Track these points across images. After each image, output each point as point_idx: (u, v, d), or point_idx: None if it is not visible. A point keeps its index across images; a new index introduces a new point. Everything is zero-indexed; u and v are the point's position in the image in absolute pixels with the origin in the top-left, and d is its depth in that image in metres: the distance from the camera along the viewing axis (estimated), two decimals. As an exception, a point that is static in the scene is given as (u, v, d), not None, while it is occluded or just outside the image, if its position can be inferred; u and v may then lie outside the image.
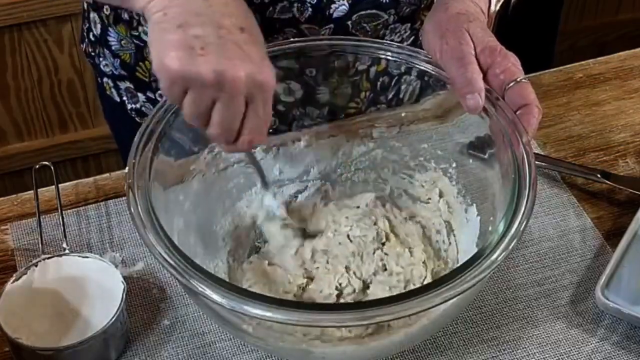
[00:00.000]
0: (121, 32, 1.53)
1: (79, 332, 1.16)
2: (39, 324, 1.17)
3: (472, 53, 1.21)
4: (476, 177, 1.29)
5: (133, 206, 1.11)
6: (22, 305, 1.19)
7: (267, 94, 1.08)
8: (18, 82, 2.64)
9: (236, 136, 1.09)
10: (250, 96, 1.06)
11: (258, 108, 1.08)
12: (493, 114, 1.20)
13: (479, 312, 1.28)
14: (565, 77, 1.60)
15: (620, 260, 1.31)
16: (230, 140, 1.10)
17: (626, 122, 1.53)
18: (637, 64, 1.62)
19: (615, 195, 1.41)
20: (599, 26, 3.20)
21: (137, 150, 1.16)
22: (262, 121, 1.10)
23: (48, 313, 1.19)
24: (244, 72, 1.04)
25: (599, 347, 1.24)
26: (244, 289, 1.07)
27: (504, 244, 1.08)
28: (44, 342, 1.15)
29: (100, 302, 1.20)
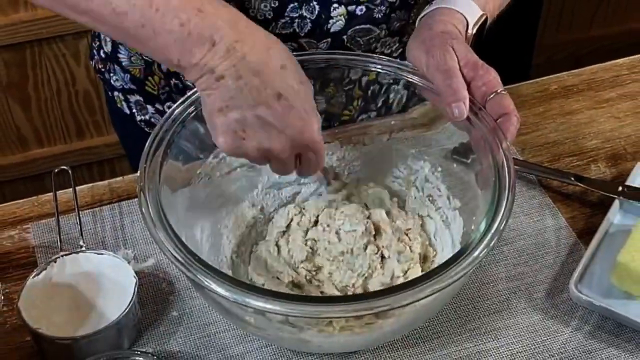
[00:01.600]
0: (131, 49, 1.53)
1: (94, 323, 1.16)
2: (58, 316, 1.17)
3: (457, 67, 1.21)
4: (460, 180, 1.30)
5: (144, 207, 1.11)
6: (42, 298, 1.20)
7: (314, 147, 1.12)
8: (38, 93, 2.64)
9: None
10: (300, 152, 1.13)
11: (309, 159, 1.14)
12: (475, 122, 1.21)
13: (462, 304, 1.28)
14: (541, 88, 1.60)
15: (592, 257, 1.32)
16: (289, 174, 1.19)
17: (597, 130, 1.53)
18: (607, 76, 1.63)
19: (588, 197, 1.42)
20: (573, 41, 3.20)
21: (147, 156, 1.17)
22: (315, 165, 1.16)
23: (66, 305, 1.20)
24: (283, 143, 1.09)
25: (573, 337, 1.24)
26: (246, 283, 1.08)
27: (485, 242, 1.08)
28: (62, 332, 1.15)
29: (113, 295, 1.21)
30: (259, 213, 1.35)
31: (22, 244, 1.35)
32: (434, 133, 1.33)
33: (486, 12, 1.31)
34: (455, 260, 1.07)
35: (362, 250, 1.28)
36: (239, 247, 1.31)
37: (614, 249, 1.29)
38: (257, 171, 1.34)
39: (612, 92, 1.60)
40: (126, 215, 1.39)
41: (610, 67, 1.65)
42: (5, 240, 1.35)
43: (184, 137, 1.22)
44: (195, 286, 1.14)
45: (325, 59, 1.32)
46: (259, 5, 1.34)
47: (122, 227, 1.37)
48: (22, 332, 1.24)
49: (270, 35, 1.10)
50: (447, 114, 1.21)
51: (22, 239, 1.36)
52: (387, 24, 1.41)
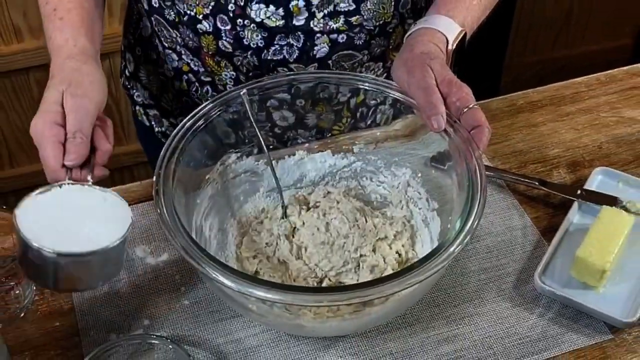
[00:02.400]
0: (149, 70, 1.53)
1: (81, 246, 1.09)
2: (50, 234, 1.10)
3: (435, 84, 1.21)
4: (437, 184, 1.29)
5: (159, 208, 1.11)
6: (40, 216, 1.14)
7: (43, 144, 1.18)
8: (66, 107, 2.64)
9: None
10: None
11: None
12: (451, 133, 1.21)
13: (440, 294, 1.28)
14: (509, 103, 1.60)
15: (554, 252, 1.32)
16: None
17: (559, 140, 1.53)
18: (568, 93, 1.63)
19: (550, 199, 1.41)
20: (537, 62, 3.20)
21: (162, 162, 1.17)
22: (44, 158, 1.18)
23: (60, 226, 1.13)
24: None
25: (537, 322, 1.24)
26: (250, 275, 1.08)
27: (459, 239, 1.08)
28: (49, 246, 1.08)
29: (108, 227, 1.14)
30: (260, 213, 1.35)
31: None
32: (414, 143, 1.33)
33: (465, 27, 1.31)
34: (433, 255, 1.07)
35: (341, 247, 1.28)
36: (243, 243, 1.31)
37: (573, 245, 1.29)
38: (259, 176, 1.34)
39: (572, 107, 1.60)
40: (143, 215, 1.38)
41: (570, 85, 1.65)
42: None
43: (194, 146, 1.22)
44: (204, 278, 1.14)
45: (316, 77, 1.32)
46: (251, 35, 1.35)
47: (140, 226, 1.37)
48: (52, 318, 1.24)
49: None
50: (427, 125, 1.21)
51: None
52: (368, 49, 1.41)
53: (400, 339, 1.22)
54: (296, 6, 1.32)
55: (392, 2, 1.38)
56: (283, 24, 1.34)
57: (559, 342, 1.22)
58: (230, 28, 1.36)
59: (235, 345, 1.22)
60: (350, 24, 1.36)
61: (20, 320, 1.24)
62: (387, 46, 1.43)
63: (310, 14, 1.33)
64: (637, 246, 1.32)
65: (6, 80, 2.50)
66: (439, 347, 1.22)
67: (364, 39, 1.39)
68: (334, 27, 1.36)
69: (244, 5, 1.33)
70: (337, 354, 1.21)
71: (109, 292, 1.28)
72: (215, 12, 1.35)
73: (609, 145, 1.52)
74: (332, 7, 1.33)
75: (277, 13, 1.33)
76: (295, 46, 1.37)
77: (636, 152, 1.51)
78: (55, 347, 1.21)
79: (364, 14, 1.36)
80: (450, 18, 1.30)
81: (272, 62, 1.39)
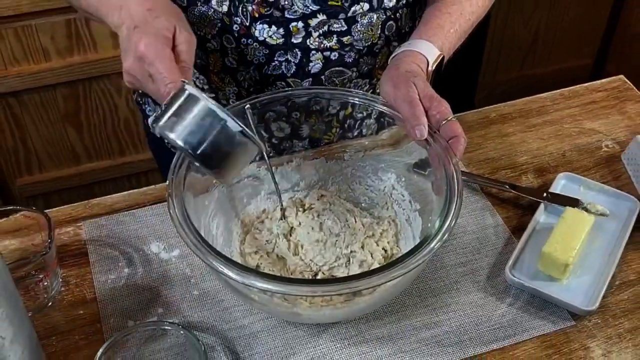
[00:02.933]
0: None
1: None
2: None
3: (418, 98, 1.21)
4: (419, 188, 1.29)
5: (171, 209, 1.11)
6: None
7: (149, 61, 1.11)
8: (89, 119, 2.64)
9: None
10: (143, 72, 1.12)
11: (152, 72, 1.11)
12: (431, 142, 1.21)
13: (421, 285, 1.28)
14: (483, 116, 1.60)
15: (523, 248, 1.32)
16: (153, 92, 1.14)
17: (527, 149, 1.53)
18: (534, 106, 1.63)
19: (519, 201, 1.41)
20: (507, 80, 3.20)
21: (174, 169, 1.17)
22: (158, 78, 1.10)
23: None
24: (126, 64, 1.13)
25: (508, 311, 1.24)
26: (252, 269, 1.08)
27: (439, 236, 1.08)
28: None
29: None
30: (261, 213, 1.35)
31: (76, 238, 1.35)
32: (399, 151, 1.33)
33: (443, 51, 1.32)
34: (415, 251, 1.07)
35: (333, 245, 1.28)
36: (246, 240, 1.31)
37: (540, 242, 1.29)
38: (260, 181, 1.34)
39: (539, 119, 1.60)
40: (157, 216, 1.38)
41: (537, 100, 1.65)
42: (63, 235, 1.35)
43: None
44: (211, 271, 1.14)
45: (309, 92, 1.32)
46: (254, 52, 1.35)
47: (154, 225, 1.37)
48: (77, 306, 1.24)
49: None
50: (411, 135, 1.21)
51: (76, 234, 1.35)
52: (356, 67, 1.41)
53: (386, 325, 1.22)
54: (295, 27, 1.33)
55: (379, 26, 1.38)
56: (283, 42, 1.35)
57: (527, 328, 1.22)
58: (235, 46, 1.36)
59: (239, 331, 1.21)
60: (342, 43, 1.37)
61: (48, 309, 1.24)
62: (373, 65, 1.43)
63: (307, 33, 1.34)
64: (596, 243, 1.33)
65: (35, 96, 2.50)
66: (420, 332, 1.21)
67: (354, 57, 1.39)
68: (328, 46, 1.36)
69: (249, 25, 1.33)
70: (330, 338, 1.21)
71: (127, 284, 1.28)
72: (221, 32, 1.35)
73: (572, 153, 1.52)
74: (326, 28, 1.34)
75: (278, 32, 1.34)
76: (292, 62, 1.37)
77: (596, 159, 1.51)
78: (79, 332, 1.21)
79: (354, 35, 1.37)
80: (431, 43, 1.31)
81: (271, 76, 1.39)
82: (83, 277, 1.29)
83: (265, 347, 1.20)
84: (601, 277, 1.28)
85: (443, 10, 1.37)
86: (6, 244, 1.25)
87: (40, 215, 1.24)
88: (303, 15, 1.33)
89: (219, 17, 1.34)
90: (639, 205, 1.39)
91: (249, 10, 1.32)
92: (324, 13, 1.33)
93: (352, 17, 1.35)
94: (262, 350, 1.19)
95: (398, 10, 1.39)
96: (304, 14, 1.33)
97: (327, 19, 1.33)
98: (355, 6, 1.34)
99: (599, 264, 1.30)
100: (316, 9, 1.32)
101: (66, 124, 2.63)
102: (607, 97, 1.66)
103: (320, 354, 1.19)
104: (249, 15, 1.33)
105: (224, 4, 1.33)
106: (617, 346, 1.21)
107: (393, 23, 1.40)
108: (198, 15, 1.35)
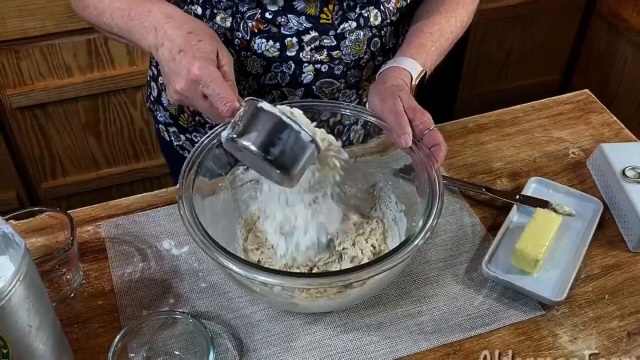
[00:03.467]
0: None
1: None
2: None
3: (403, 110, 1.22)
4: (404, 190, 1.29)
5: (181, 209, 1.11)
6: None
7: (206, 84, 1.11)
8: (107, 129, 2.63)
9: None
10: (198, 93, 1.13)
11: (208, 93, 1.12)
12: (415, 150, 1.21)
13: (406, 278, 1.28)
14: (462, 126, 1.60)
15: (498, 245, 1.32)
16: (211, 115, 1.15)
17: (502, 156, 1.53)
18: (508, 118, 1.63)
19: (495, 203, 1.41)
20: (484, 93, 3.20)
21: (184, 173, 1.16)
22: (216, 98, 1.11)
23: None
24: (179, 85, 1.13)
25: (484, 301, 1.24)
26: (254, 263, 1.08)
27: (422, 234, 1.08)
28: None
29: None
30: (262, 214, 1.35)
31: (95, 236, 1.34)
32: (386, 157, 1.33)
33: (425, 67, 1.33)
34: (401, 247, 1.07)
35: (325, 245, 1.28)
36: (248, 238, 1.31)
37: (513, 239, 1.29)
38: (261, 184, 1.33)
39: (512, 129, 1.60)
40: (169, 216, 1.38)
41: (510, 111, 1.65)
42: (84, 233, 1.35)
43: (209, 160, 1.21)
44: (218, 265, 1.14)
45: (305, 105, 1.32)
46: (253, 63, 1.36)
47: (165, 224, 1.37)
48: (96, 297, 1.24)
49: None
50: (397, 143, 1.21)
51: (95, 233, 1.35)
52: (344, 79, 1.41)
53: (375, 315, 1.22)
54: (290, 42, 1.33)
55: (365, 42, 1.38)
56: (278, 55, 1.35)
57: (501, 317, 1.22)
58: (236, 58, 1.36)
59: (243, 320, 1.21)
60: (331, 57, 1.37)
61: (70, 300, 1.24)
62: (360, 77, 1.43)
63: (300, 47, 1.34)
64: (564, 240, 1.33)
65: (59, 108, 2.50)
66: (405, 321, 1.21)
67: (342, 70, 1.39)
68: (319, 59, 1.36)
69: (249, 39, 1.33)
70: (324, 326, 1.21)
71: (142, 277, 1.27)
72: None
73: (542, 160, 1.52)
74: (318, 43, 1.34)
75: (275, 46, 1.34)
76: (287, 73, 1.37)
77: (563, 164, 1.51)
78: (99, 321, 1.21)
79: (342, 49, 1.37)
80: (414, 60, 1.32)
81: (268, 86, 1.39)
82: (102, 271, 1.29)
83: (266, 334, 1.19)
84: (568, 271, 1.28)
85: (425, 31, 1.37)
86: (33, 241, 1.25)
87: (64, 216, 1.24)
88: (297, 31, 1.33)
89: (222, 32, 1.35)
90: (602, 207, 1.39)
91: (249, 26, 1.33)
92: (316, 30, 1.33)
93: (341, 33, 1.35)
94: (263, 336, 1.19)
95: (382, 28, 1.39)
96: (298, 30, 1.33)
97: (319, 35, 1.34)
98: (344, 24, 1.34)
99: (566, 259, 1.30)
100: (309, 26, 1.33)
101: (87, 133, 2.63)
102: (574, 109, 1.66)
103: (316, 340, 1.19)
104: (249, 31, 1.33)
105: (228, 20, 1.34)
106: (583, 333, 1.21)
107: (378, 39, 1.40)
108: None
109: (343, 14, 1.34)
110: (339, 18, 1.34)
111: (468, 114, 1.64)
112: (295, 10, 1.31)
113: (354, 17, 1.35)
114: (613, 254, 1.33)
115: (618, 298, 1.26)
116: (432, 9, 1.41)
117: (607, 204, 1.41)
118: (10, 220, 1.21)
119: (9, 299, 0.93)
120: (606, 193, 1.43)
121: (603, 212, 1.39)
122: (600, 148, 1.47)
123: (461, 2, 1.43)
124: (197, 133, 1.53)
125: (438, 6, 1.41)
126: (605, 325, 1.22)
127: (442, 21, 1.39)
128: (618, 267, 1.31)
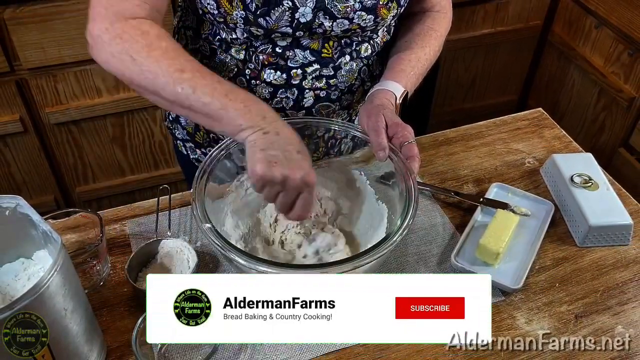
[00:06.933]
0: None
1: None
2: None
3: (384, 127, 1.22)
4: (385, 195, 1.29)
5: (195, 210, 1.11)
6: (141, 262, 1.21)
7: (311, 189, 1.08)
8: (132, 142, 2.63)
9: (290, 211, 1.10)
10: (301, 190, 1.07)
11: (305, 197, 1.08)
12: (395, 160, 1.21)
13: (386, 270, 1.28)
14: (433, 139, 1.61)
15: (464, 241, 1.32)
16: (286, 213, 1.10)
17: (468, 164, 1.53)
18: (474, 132, 1.63)
19: (462, 205, 1.42)
20: (453, 111, 3.21)
21: (197, 180, 1.17)
22: (307, 205, 1.09)
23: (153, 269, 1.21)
24: (299, 175, 1.05)
25: (453, 288, 1.24)
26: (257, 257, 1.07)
27: (400, 231, 1.09)
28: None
29: (181, 266, 1.21)
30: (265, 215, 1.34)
31: (122, 233, 1.34)
32: (369, 166, 1.33)
33: (407, 88, 1.33)
34: (381, 242, 1.07)
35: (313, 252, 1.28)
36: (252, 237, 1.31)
37: (478, 236, 1.30)
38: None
39: (477, 142, 1.60)
40: (185, 215, 1.38)
41: (475, 127, 1.65)
42: (112, 231, 1.34)
43: (219, 168, 1.21)
44: (226, 259, 1.13)
45: (303, 121, 1.32)
46: (261, 90, 1.35)
47: (182, 222, 1.36)
48: (122, 286, 1.24)
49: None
50: (376, 156, 1.22)
51: (122, 230, 1.35)
52: (339, 102, 1.41)
53: (360, 300, 1.22)
54: (296, 72, 1.33)
55: (357, 71, 1.38)
56: (284, 83, 1.35)
57: (467, 302, 1.22)
58: (246, 86, 1.36)
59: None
60: (329, 84, 1.37)
61: (100, 287, 1.24)
62: (352, 100, 1.43)
63: (304, 77, 1.34)
64: (520, 237, 1.33)
65: (90, 124, 2.50)
66: (386, 306, 1.21)
67: (337, 95, 1.39)
68: (318, 86, 1.36)
69: (259, 70, 1.33)
70: (317, 310, 1.20)
71: (161, 268, 1.27)
72: (236, 75, 1.35)
73: (502, 168, 1.53)
74: (318, 73, 1.34)
75: (282, 77, 1.34)
76: (290, 98, 1.37)
77: (521, 172, 1.51)
78: (124, 305, 1.21)
79: (338, 78, 1.37)
80: (397, 83, 1.32)
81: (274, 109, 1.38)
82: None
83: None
84: (524, 263, 1.28)
85: (404, 58, 1.37)
86: (68, 237, 1.25)
87: (94, 216, 1.24)
88: (302, 64, 1.33)
89: (235, 63, 1.34)
90: (553, 208, 1.39)
91: (260, 59, 1.32)
92: (318, 63, 1.33)
93: (337, 65, 1.35)
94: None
95: (371, 58, 1.40)
96: (303, 63, 1.33)
97: (320, 67, 1.34)
98: (341, 58, 1.35)
99: (522, 252, 1.30)
100: (313, 60, 1.33)
101: (114, 145, 2.62)
102: (529, 125, 1.66)
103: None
104: (260, 63, 1.33)
105: (241, 52, 1.33)
106: (537, 316, 1.21)
107: (366, 68, 1.40)
108: (218, 62, 1.35)
109: (341, 49, 1.34)
110: (338, 52, 1.34)
111: (440, 129, 1.64)
112: (301, 45, 1.31)
113: (349, 52, 1.35)
114: (563, 248, 1.34)
115: (567, 286, 1.26)
116: (409, 40, 1.41)
117: (558, 205, 1.42)
118: (49, 220, 1.21)
119: (48, 287, 0.93)
120: (557, 196, 1.44)
121: (554, 212, 1.39)
122: (552, 158, 1.47)
123: (434, 35, 1.43)
124: (211, 148, 1.52)
125: (415, 38, 1.42)
126: (556, 309, 1.22)
127: (418, 51, 1.39)
128: (567, 259, 1.32)
